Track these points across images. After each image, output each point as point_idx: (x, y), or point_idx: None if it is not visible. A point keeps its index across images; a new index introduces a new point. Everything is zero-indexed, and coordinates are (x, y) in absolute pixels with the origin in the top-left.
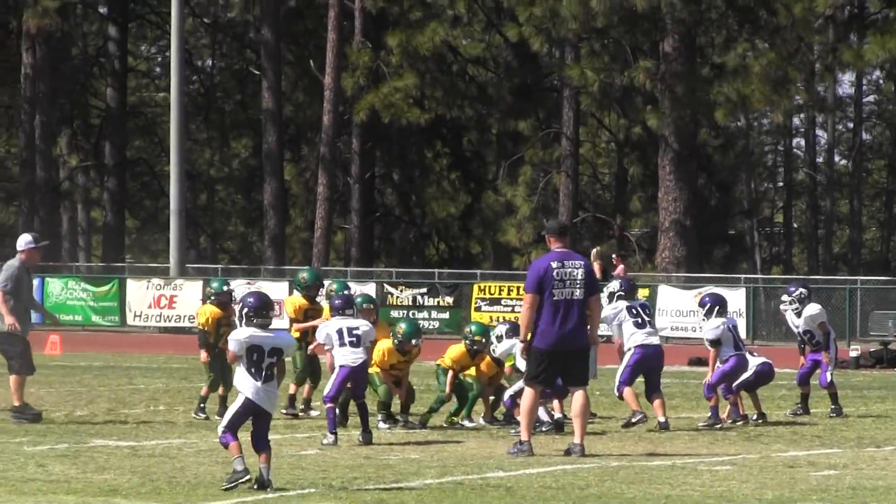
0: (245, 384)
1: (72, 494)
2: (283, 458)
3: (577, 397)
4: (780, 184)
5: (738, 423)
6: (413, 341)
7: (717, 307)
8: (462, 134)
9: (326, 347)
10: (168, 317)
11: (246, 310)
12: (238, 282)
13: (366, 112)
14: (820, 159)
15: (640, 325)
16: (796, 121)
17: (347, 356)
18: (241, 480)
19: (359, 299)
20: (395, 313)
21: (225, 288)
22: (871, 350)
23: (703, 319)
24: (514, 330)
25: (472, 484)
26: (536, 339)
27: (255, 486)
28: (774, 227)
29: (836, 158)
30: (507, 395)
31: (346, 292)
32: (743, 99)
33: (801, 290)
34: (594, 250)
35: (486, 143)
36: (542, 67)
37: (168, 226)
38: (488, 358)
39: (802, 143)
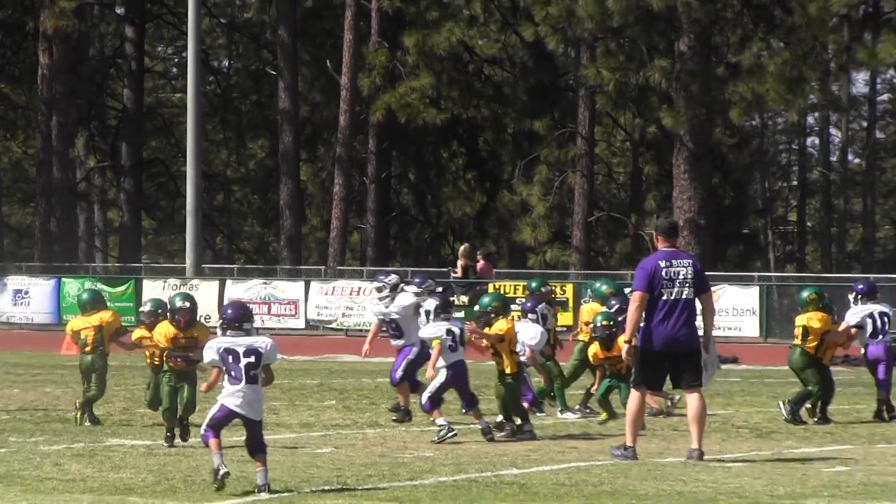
0: (222, 390)
1: (87, 493)
2: (298, 457)
3: (692, 401)
4: (794, 182)
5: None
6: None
7: (861, 295)
8: (478, 134)
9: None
10: None
11: (221, 321)
12: (254, 282)
13: (382, 112)
14: (834, 158)
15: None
16: (810, 120)
17: None
18: (219, 476)
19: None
20: None
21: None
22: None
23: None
24: (442, 308)
25: (487, 481)
26: (642, 340)
27: (256, 491)
28: (788, 225)
29: (850, 157)
30: (424, 396)
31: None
32: (758, 98)
33: (393, 276)
34: (462, 247)
35: (501, 143)
36: (557, 67)
37: (184, 226)
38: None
39: (816, 141)
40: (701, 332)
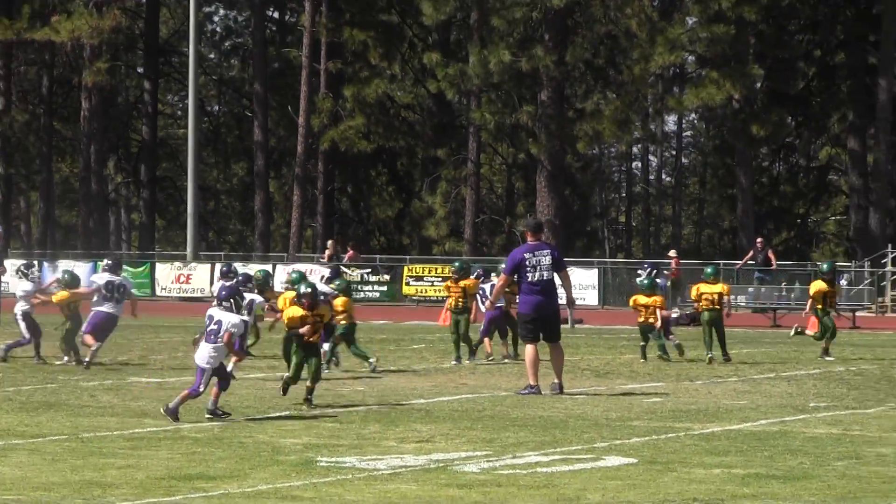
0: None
1: (114, 417)
2: (266, 390)
3: (554, 349)
4: (623, 194)
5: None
6: None
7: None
8: (397, 159)
9: None
10: (186, 290)
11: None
12: (236, 265)
13: (328, 143)
14: (652, 177)
15: None
16: (635, 149)
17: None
18: None
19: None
20: None
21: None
22: (687, 312)
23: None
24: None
25: (402, 408)
26: (521, 307)
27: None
28: (619, 225)
29: (663, 176)
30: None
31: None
32: (597, 134)
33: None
34: (329, 241)
35: (413, 165)
36: (454, 111)
37: (186, 225)
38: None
39: (639, 165)
40: (562, 301)
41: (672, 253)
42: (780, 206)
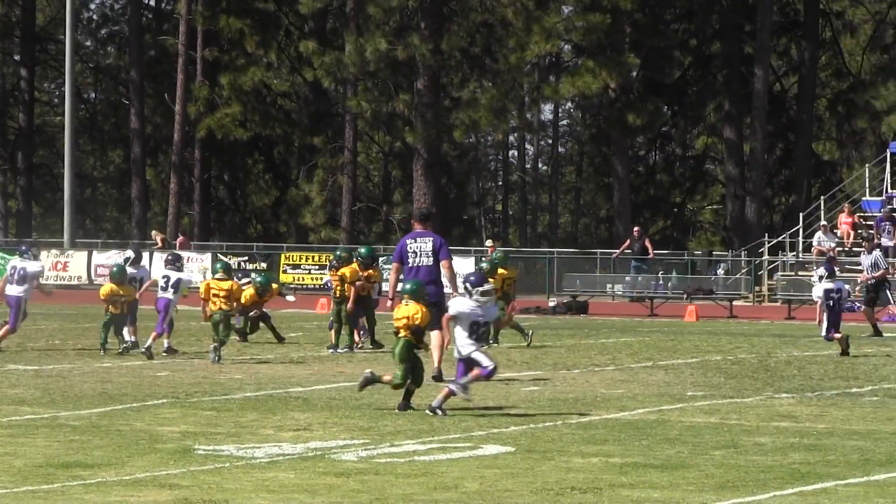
0: None
1: None
2: (143, 378)
3: (434, 336)
4: (500, 183)
5: None
6: None
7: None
8: (273, 147)
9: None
10: (63, 277)
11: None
12: (112, 252)
13: (205, 131)
14: (528, 165)
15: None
16: (511, 138)
17: None
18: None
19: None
20: None
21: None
22: (564, 301)
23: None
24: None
25: (280, 396)
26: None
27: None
28: (496, 213)
29: (540, 165)
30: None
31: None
32: (473, 123)
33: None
34: (154, 231)
35: (290, 153)
36: (330, 99)
37: (63, 212)
38: None
39: (515, 153)
40: (447, 290)
41: (489, 242)
42: (656, 195)
